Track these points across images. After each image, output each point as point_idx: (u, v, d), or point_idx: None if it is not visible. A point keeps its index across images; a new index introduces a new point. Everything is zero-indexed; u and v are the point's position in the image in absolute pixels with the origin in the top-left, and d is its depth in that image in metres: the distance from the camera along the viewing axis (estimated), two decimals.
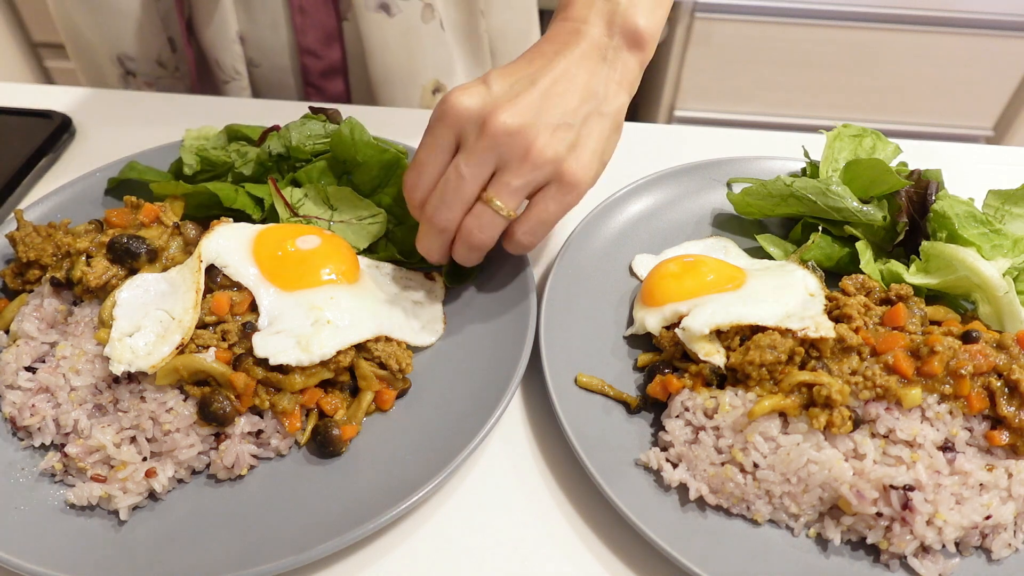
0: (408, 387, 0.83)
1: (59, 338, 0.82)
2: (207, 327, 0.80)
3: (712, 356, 0.79)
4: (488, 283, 0.93)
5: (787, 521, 0.73)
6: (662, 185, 1.05)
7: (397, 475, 0.74)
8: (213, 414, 0.73)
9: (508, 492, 0.78)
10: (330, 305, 0.81)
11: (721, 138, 1.23)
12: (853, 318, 0.80)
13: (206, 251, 0.84)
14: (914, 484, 0.69)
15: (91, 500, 0.72)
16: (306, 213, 0.95)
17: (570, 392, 0.81)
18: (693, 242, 1.01)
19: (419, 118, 1.25)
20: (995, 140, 2.67)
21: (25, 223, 0.89)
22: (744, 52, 2.51)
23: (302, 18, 1.24)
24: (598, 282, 0.94)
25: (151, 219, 0.89)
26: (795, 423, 0.74)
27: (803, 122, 2.64)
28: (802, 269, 0.88)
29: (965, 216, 0.88)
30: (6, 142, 1.14)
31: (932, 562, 0.70)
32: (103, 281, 0.82)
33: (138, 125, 1.22)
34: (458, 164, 0.76)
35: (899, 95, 2.58)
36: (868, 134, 1.02)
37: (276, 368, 0.76)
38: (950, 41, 2.41)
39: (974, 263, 0.83)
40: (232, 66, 1.28)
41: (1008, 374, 0.73)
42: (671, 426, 0.77)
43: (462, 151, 0.76)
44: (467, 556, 0.73)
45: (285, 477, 0.76)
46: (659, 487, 0.75)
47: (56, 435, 0.77)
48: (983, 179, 0.99)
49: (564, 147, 0.76)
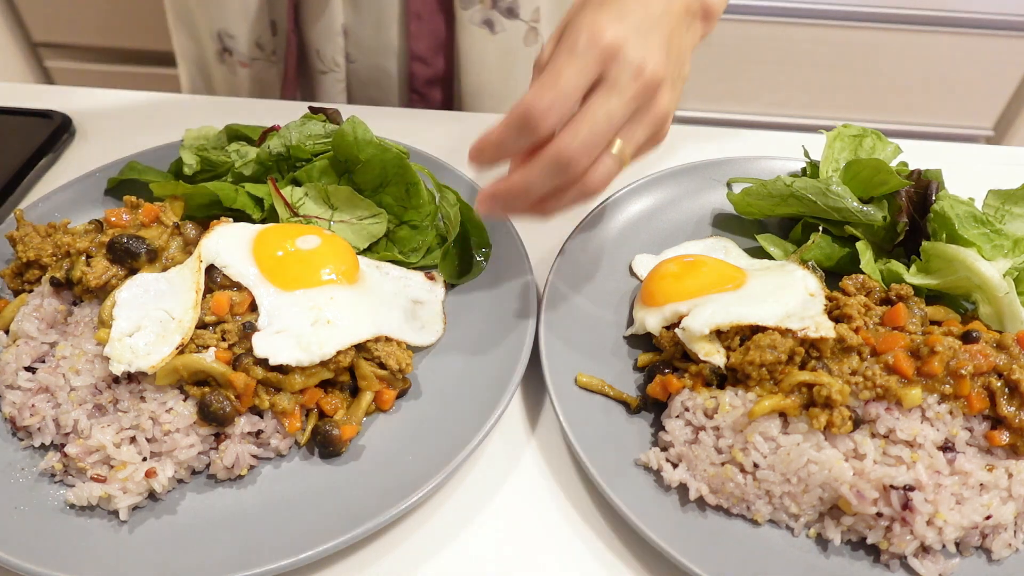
0: (408, 387, 0.83)
1: (59, 338, 0.82)
2: (207, 327, 0.80)
3: (712, 356, 0.79)
4: (488, 283, 0.93)
5: (787, 521, 0.73)
6: (662, 185, 1.05)
7: (397, 475, 0.74)
8: (213, 414, 0.73)
9: (508, 492, 0.78)
10: (330, 305, 0.81)
11: (721, 138, 1.23)
12: (853, 318, 0.80)
13: (206, 251, 0.84)
14: (914, 484, 0.69)
15: (91, 500, 0.72)
16: (306, 213, 0.95)
17: (570, 392, 0.81)
18: (693, 242, 1.01)
19: (413, 117, 1.25)
20: (995, 140, 2.67)
21: (25, 223, 0.89)
22: (744, 52, 2.51)
23: (417, 24, 1.23)
24: (598, 282, 0.94)
25: (151, 219, 0.89)
26: (795, 423, 0.74)
27: (803, 122, 2.63)
28: (802, 269, 0.88)
29: (965, 216, 0.88)
30: (6, 142, 1.14)
31: (932, 562, 0.70)
32: (103, 281, 0.82)
33: (138, 125, 1.22)
34: (611, 107, 0.69)
35: (899, 95, 2.58)
36: (868, 134, 1.02)
37: (276, 368, 0.76)
38: (950, 41, 2.41)
39: (974, 263, 0.83)
40: (332, 57, 1.27)
41: (1008, 374, 0.73)
42: (671, 426, 0.77)
43: (614, 93, 0.69)
44: (467, 556, 0.73)
45: (285, 477, 0.76)
46: (659, 487, 0.75)
47: (56, 435, 0.77)
48: (983, 179, 0.99)
49: (675, 106, 0.76)
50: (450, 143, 1.15)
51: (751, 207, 0.99)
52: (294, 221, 0.94)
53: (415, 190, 0.96)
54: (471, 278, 0.94)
